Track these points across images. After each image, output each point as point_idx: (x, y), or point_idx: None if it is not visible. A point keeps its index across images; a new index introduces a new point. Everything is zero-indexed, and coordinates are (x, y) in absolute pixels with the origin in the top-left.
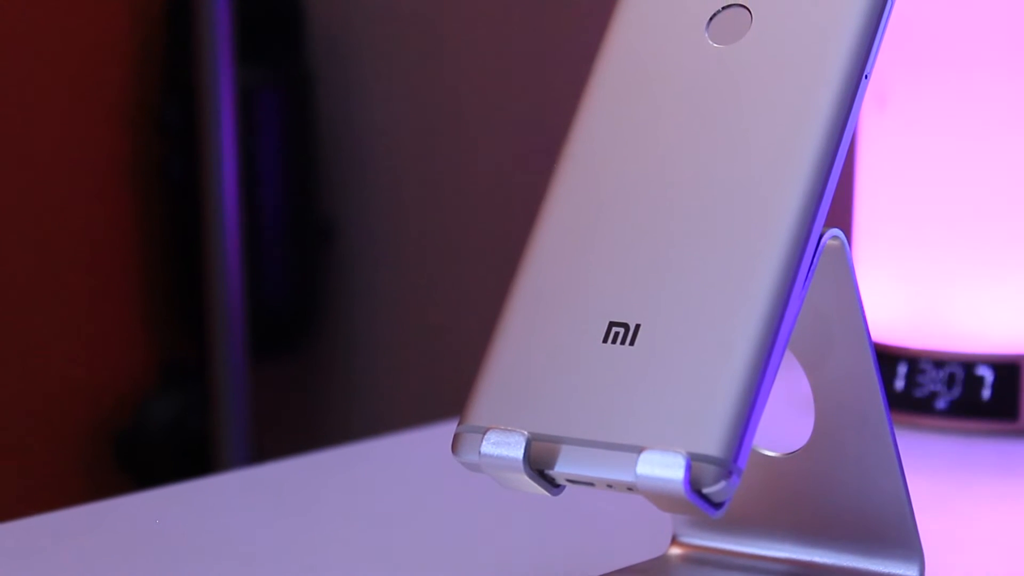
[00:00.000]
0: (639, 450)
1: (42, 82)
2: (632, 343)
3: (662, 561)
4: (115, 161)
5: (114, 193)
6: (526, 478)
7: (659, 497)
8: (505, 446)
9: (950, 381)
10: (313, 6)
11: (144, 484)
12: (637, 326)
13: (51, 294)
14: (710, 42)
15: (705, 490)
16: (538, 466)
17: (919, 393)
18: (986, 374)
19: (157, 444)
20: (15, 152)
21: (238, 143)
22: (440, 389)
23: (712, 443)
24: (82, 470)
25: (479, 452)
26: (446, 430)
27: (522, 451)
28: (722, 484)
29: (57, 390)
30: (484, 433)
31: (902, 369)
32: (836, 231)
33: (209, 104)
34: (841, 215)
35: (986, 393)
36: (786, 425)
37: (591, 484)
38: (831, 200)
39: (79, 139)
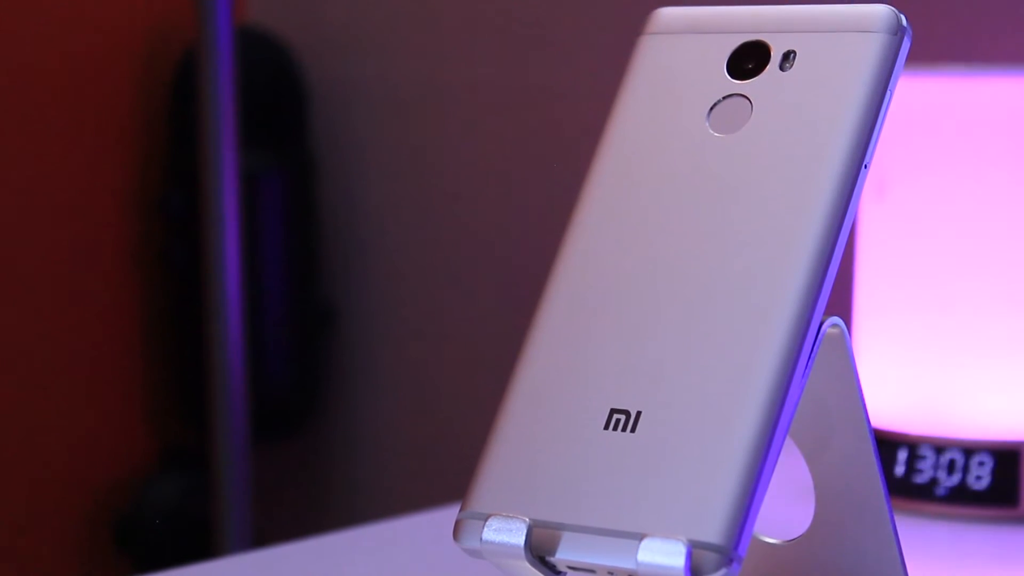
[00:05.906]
0: (640, 537)
1: (45, 166)
2: (633, 430)
3: None
4: (118, 245)
5: (116, 277)
6: (527, 565)
7: None
8: (507, 533)
9: (950, 467)
10: (315, 91)
11: (144, 569)
12: (638, 413)
13: (52, 377)
14: (711, 131)
15: None
16: (539, 553)
17: (919, 479)
18: (986, 460)
19: (157, 529)
20: (18, 236)
21: (240, 228)
22: (442, 474)
23: (713, 530)
24: (82, 555)
25: (480, 539)
26: (448, 515)
27: (523, 538)
28: (722, 572)
29: (57, 474)
30: (486, 520)
31: (902, 455)
32: (836, 319)
33: (212, 189)
34: (841, 303)
35: (986, 480)
36: (786, 512)
37: (592, 571)
38: (831, 288)
39: (82, 224)
